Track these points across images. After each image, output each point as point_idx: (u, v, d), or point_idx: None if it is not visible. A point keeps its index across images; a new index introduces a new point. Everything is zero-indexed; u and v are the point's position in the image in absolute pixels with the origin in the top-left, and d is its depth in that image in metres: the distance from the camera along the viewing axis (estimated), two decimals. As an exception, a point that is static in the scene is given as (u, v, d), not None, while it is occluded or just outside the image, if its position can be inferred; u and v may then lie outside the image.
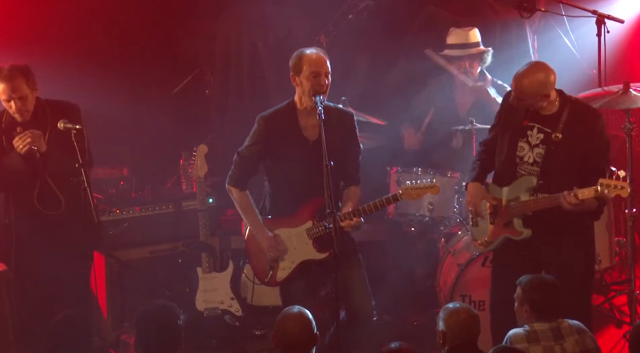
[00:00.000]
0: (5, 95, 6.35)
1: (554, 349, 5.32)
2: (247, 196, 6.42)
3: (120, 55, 9.20)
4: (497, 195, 6.21)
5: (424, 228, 7.75)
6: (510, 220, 6.16)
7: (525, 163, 6.12)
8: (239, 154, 6.39)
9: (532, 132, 6.09)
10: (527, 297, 5.48)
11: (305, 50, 6.19)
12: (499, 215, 6.19)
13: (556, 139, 6.02)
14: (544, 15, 8.78)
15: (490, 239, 6.26)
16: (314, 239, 6.29)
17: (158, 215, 8.03)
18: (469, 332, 5.24)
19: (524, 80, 5.93)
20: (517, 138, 6.12)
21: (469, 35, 7.97)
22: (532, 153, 6.10)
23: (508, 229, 6.18)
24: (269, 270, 6.39)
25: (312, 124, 6.24)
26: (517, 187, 6.14)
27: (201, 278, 7.57)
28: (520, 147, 6.12)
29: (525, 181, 6.12)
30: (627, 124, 7.15)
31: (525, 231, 6.13)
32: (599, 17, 7.70)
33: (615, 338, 7.34)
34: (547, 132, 6.04)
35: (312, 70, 6.11)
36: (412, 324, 7.71)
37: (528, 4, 7.96)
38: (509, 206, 6.15)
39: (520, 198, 6.11)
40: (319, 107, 5.98)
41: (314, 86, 6.10)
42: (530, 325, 5.43)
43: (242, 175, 6.40)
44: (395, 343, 5.15)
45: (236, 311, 7.59)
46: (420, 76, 8.38)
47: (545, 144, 6.05)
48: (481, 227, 6.32)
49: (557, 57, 8.82)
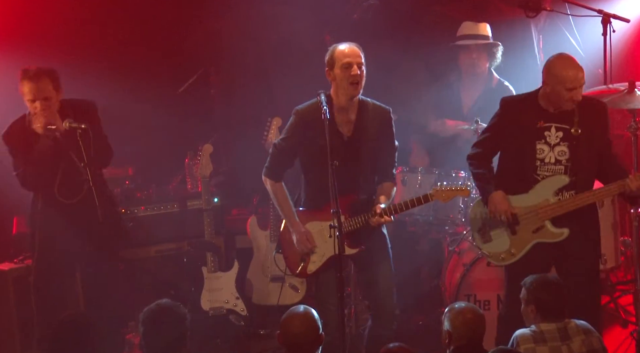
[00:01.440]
0: (30, 95, 6.39)
1: (560, 349, 5.32)
2: (281, 187, 6.42)
3: (125, 55, 9.20)
4: (515, 204, 6.16)
5: (429, 228, 7.74)
6: (542, 224, 6.13)
7: (547, 164, 6.11)
8: (274, 145, 6.42)
9: (549, 132, 6.10)
10: (532, 297, 5.48)
11: (338, 44, 6.22)
12: (526, 223, 6.14)
13: (576, 133, 6.05)
14: (549, 14, 8.77)
15: (516, 250, 6.20)
16: (345, 234, 6.23)
17: (163, 215, 8.05)
18: (475, 331, 5.24)
19: (575, 71, 5.94)
20: (534, 141, 6.10)
21: (479, 28, 7.99)
22: (553, 153, 6.10)
23: (540, 234, 6.16)
24: (300, 262, 6.38)
25: (347, 119, 6.26)
26: (545, 188, 6.12)
27: (206, 278, 7.58)
28: (539, 149, 6.10)
29: (554, 181, 6.11)
30: (632, 124, 7.13)
31: (564, 231, 6.11)
32: (605, 16, 7.69)
33: (621, 338, 7.33)
34: (565, 128, 6.06)
35: (344, 61, 6.12)
36: (417, 324, 7.71)
37: (533, 4, 7.95)
38: (540, 211, 6.11)
39: (551, 200, 6.09)
40: (323, 107, 5.98)
41: (347, 77, 6.11)
42: (537, 325, 5.42)
43: (276, 167, 6.40)
44: (393, 344, 5.15)
45: (241, 310, 7.59)
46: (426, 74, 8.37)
47: (567, 141, 6.08)
48: (497, 240, 6.26)
49: (562, 56, 8.79)
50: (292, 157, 6.38)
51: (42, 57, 7.30)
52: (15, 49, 8.11)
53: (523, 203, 6.14)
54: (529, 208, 6.13)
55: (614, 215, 7.57)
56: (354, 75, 6.11)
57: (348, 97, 6.17)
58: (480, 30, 7.98)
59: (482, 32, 7.97)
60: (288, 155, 6.37)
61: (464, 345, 5.21)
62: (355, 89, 6.15)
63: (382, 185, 6.34)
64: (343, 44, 6.22)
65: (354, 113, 6.26)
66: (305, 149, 6.30)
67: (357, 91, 6.17)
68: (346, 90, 6.15)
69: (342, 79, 6.13)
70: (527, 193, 6.14)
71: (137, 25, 9.19)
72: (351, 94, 6.17)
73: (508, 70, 7.90)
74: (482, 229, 6.31)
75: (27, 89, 6.38)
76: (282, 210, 6.41)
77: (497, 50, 7.90)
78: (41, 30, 8.60)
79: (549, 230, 6.14)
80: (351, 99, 6.20)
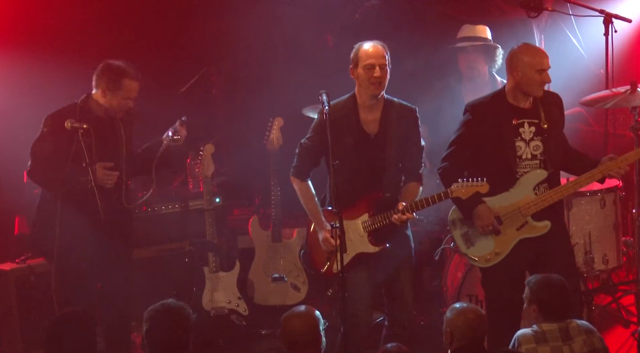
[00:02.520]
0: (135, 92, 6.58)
1: (562, 349, 5.30)
2: (307, 186, 6.42)
3: (127, 56, 9.15)
4: (496, 205, 6.16)
5: (431, 227, 7.74)
6: (525, 221, 6.14)
7: (524, 160, 6.15)
8: (300, 144, 6.42)
9: (524, 129, 6.15)
10: (535, 297, 5.47)
11: (363, 43, 6.22)
12: (510, 222, 6.14)
13: (545, 127, 6.12)
14: (551, 14, 8.77)
15: (501, 249, 6.18)
16: (369, 232, 6.26)
17: (165, 215, 8.06)
18: (476, 331, 5.23)
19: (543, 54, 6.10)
20: (513, 138, 6.12)
21: (477, 30, 8.00)
22: (529, 148, 6.14)
23: (524, 230, 6.16)
24: (326, 261, 6.36)
25: (372, 118, 6.27)
26: (525, 185, 6.14)
27: (208, 278, 7.60)
28: (517, 146, 6.13)
29: (533, 176, 6.14)
30: (635, 123, 7.13)
31: (547, 223, 6.13)
32: (607, 16, 7.71)
33: (623, 338, 7.35)
34: (536, 123, 6.13)
35: (367, 62, 6.14)
36: (419, 324, 7.70)
37: (535, 4, 7.96)
38: (522, 207, 6.11)
39: (531, 195, 6.10)
40: (325, 107, 5.96)
41: (369, 78, 6.13)
42: (538, 325, 5.41)
43: (302, 166, 6.40)
44: (391, 345, 5.13)
45: (243, 311, 7.61)
46: (427, 75, 8.37)
47: (540, 135, 6.14)
48: (481, 243, 6.24)
49: (564, 56, 8.80)
50: (317, 156, 6.37)
51: (50, 57, 7.31)
52: (22, 49, 8.16)
53: (506, 202, 6.15)
54: (512, 207, 6.14)
55: (616, 216, 7.59)
56: (376, 77, 6.13)
57: (370, 96, 6.19)
58: (477, 32, 7.98)
59: (479, 34, 7.97)
60: (313, 154, 6.36)
61: (465, 345, 5.20)
62: (377, 88, 6.17)
63: (408, 184, 6.33)
64: (368, 42, 6.23)
65: (379, 111, 6.27)
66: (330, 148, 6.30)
67: (379, 91, 6.18)
68: (367, 90, 6.17)
69: (364, 79, 6.16)
70: (509, 191, 6.15)
71: (139, 25, 9.23)
72: (372, 93, 6.19)
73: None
74: (465, 234, 6.30)
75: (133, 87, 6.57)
76: (308, 209, 6.40)
77: (496, 53, 7.84)
78: (48, 31, 8.65)
79: (532, 224, 6.15)
80: (373, 98, 6.21)
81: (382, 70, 6.15)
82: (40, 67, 6.58)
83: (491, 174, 6.13)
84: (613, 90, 7.33)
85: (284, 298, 7.80)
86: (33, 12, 8.67)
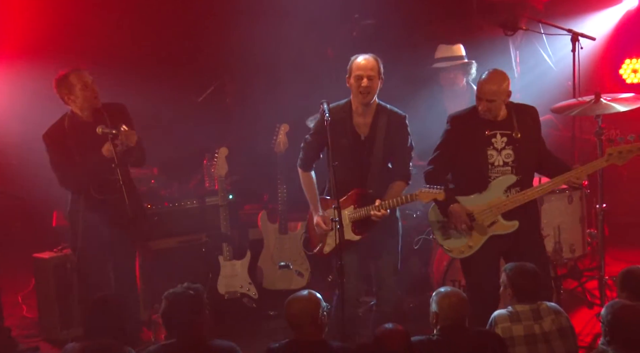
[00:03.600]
0: (85, 81, 6.48)
1: (533, 328, 5.35)
2: (309, 176, 6.49)
3: (152, 68, 9.25)
4: (470, 204, 6.19)
5: (420, 221, 7.77)
6: (495, 219, 6.16)
7: (496, 166, 6.14)
8: (304, 140, 6.49)
9: (496, 139, 6.14)
10: (510, 282, 5.49)
11: (358, 56, 6.27)
12: (482, 219, 6.17)
13: (517, 137, 6.11)
14: (525, 33, 8.81)
15: (474, 243, 6.18)
16: (353, 222, 6.32)
17: (184, 210, 8.04)
18: (459, 312, 5.26)
19: (493, 85, 6.03)
20: (485, 148, 6.14)
21: (454, 50, 8.01)
22: (501, 156, 6.14)
23: (495, 227, 6.16)
24: (319, 243, 6.45)
25: (364, 122, 6.31)
26: (496, 188, 6.13)
27: (222, 266, 7.59)
28: (489, 154, 6.14)
29: (504, 181, 6.13)
30: (598, 129, 7.17)
31: (515, 223, 6.14)
32: (574, 35, 7.68)
33: (587, 318, 7.36)
34: (508, 134, 6.12)
35: (356, 73, 6.20)
36: (409, 306, 7.71)
37: (511, 23, 7.98)
38: (493, 207, 6.13)
39: (502, 197, 6.13)
40: (326, 114, 6.00)
41: (357, 87, 6.19)
42: (513, 306, 5.46)
43: (305, 159, 6.48)
44: (389, 325, 5.12)
45: (253, 294, 7.61)
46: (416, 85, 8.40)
47: (511, 144, 6.13)
48: (456, 237, 6.26)
49: (536, 69, 8.88)
50: (317, 151, 6.44)
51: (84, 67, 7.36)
52: (51, 58, 8.18)
53: (479, 201, 6.15)
54: (484, 206, 6.14)
55: (582, 210, 7.61)
56: (364, 87, 6.17)
57: (359, 103, 6.24)
58: (454, 51, 8.00)
59: (456, 53, 7.99)
60: (314, 149, 6.43)
61: (449, 325, 5.23)
62: (365, 97, 6.20)
63: (394, 183, 6.34)
64: (361, 56, 6.26)
65: (371, 116, 6.30)
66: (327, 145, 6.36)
67: (366, 99, 6.21)
68: (357, 97, 6.23)
69: (355, 88, 6.21)
70: (482, 193, 6.15)
71: (160, 41, 9.29)
72: (361, 101, 6.23)
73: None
74: (442, 227, 6.31)
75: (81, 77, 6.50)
76: (308, 196, 6.48)
77: (472, 67, 7.93)
78: (74, 43, 8.70)
79: (502, 223, 6.14)
80: (364, 105, 6.26)
81: (370, 81, 6.17)
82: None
83: (467, 177, 6.21)
84: (579, 100, 7.30)
85: (289, 284, 7.80)
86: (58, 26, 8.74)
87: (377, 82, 6.23)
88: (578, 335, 5.79)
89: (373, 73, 6.19)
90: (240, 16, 9.28)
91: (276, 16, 9.04)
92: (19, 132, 9.06)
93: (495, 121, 6.15)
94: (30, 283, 7.99)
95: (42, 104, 8.31)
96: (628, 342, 4.89)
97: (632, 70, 9.73)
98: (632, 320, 4.90)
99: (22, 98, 8.78)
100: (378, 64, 6.24)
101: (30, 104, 8.65)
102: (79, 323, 7.31)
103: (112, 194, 6.46)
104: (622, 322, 4.90)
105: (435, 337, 5.26)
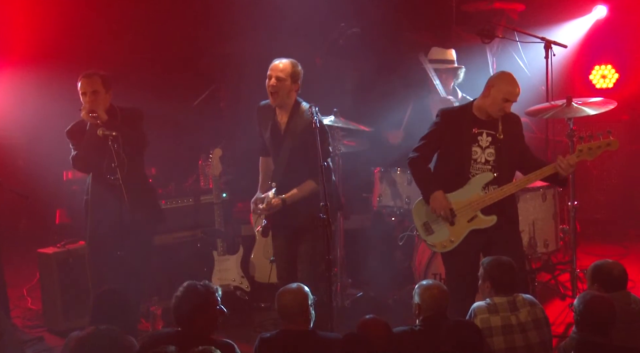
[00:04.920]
0: (82, 88, 6.40)
1: (510, 319, 5.33)
2: (263, 162, 6.57)
3: (150, 73, 9.24)
4: (451, 200, 6.13)
5: (403, 217, 7.74)
6: (475, 214, 6.13)
7: (478, 163, 6.12)
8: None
9: (482, 137, 6.11)
10: (488, 275, 5.48)
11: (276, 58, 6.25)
12: (462, 215, 6.13)
13: (500, 138, 6.09)
14: (501, 41, 8.82)
15: (455, 238, 6.13)
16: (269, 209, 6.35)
17: (181, 207, 8.01)
18: (440, 304, 5.28)
19: (518, 88, 6.03)
20: (471, 144, 6.11)
21: (447, 54, 7.99)
22: (484, 154, 6.11)
23: (474, 222, 6.12)
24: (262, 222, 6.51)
25: (282, 120, 6.31)
26: (475, 184, 6.10)
27: (216, 260, 7.58)
28: (474, 151, 6.11)
29: (482, 178, 6.10)
30: (570, 131, 7.17)
31: (493, 217, 6.11)
32: (547, 42, 7.71)
33: (560, 309, 7.39)
34: (493, 134, 6.10)
35: (268, 73, 6.22)
36: (392, 298, 7.71)
37: (488, 32, 7.96)
38: (473, 203, 6.10)
39: (480, 193, 6.10)
40: (314, 118, 5.93)
41: (267, 87, 6.22)
42: (491, 298, 5.44)
43: (260, 148, 6.53)
44: (369, 316, 5.12)
45: (246, 287, 7.60)
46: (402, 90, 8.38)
47: (494, 144, 6.10)
48: (438, 232, 6.19)
49: (512, 75, 8.81)
50: (263, 143, 6.48)
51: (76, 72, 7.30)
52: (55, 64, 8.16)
53: (459, 198, 6.12)
54: (464, 202, 6.11)
55: (555, 207, 7.60)
56: (270, 86, 6.18)
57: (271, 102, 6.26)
58: (448, 55, 7.98)
59: (449, 57, 7.98)
60: (261, 141, 6.50)
61: (431, 316, 5.25)
62: (271, 96, 6.22)
63: (305, 182, 6.23)
64: (278, 59, 6.25)
65: (286, 115, 6.27)
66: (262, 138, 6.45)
67: (273, 98, 6.21)
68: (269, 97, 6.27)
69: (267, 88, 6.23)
70: (462, 188, 6.12)
71: (157, 47, 9.28)
72: (271, 101, 6.24)
73: (468, 86, 7.91)
74: (425, 224, 6.26)
75: (80, 84, 6.42)
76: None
77: (461, 72, 7.92)
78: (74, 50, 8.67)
79: (481, 218, 6.11)
80: (275, 105, 6.25)
81: (278, 81, 6.12)
82: (69, 79, 6.60)
83: (448, 171, 6.17)
84: (552, 103, 7.32)
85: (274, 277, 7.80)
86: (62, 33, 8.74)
87: (287, 84, 6.15)
88: (552, 325, 5.77)
89: (282, 75, 6.13)
90: (234, 27, 9.30)
91: (267, 27, 9.05)
92: (25, 134, 9.02)
93: (483, 120, 6.12)
94: (35, 277, 7.93)
95: (47, 107, 8.29)
96: (597, 328, 4.93)
97: (602, 76, 9.78)
98: (601, 309, 4.96)
99: (27, 101, 8.74)
100: (293, 69, 6.18)
101: (36, 107, 8.60)
102: (79, 315, 7.25)
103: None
104: (593, 312, 4.95)
105: (418, 328, 5.27)
